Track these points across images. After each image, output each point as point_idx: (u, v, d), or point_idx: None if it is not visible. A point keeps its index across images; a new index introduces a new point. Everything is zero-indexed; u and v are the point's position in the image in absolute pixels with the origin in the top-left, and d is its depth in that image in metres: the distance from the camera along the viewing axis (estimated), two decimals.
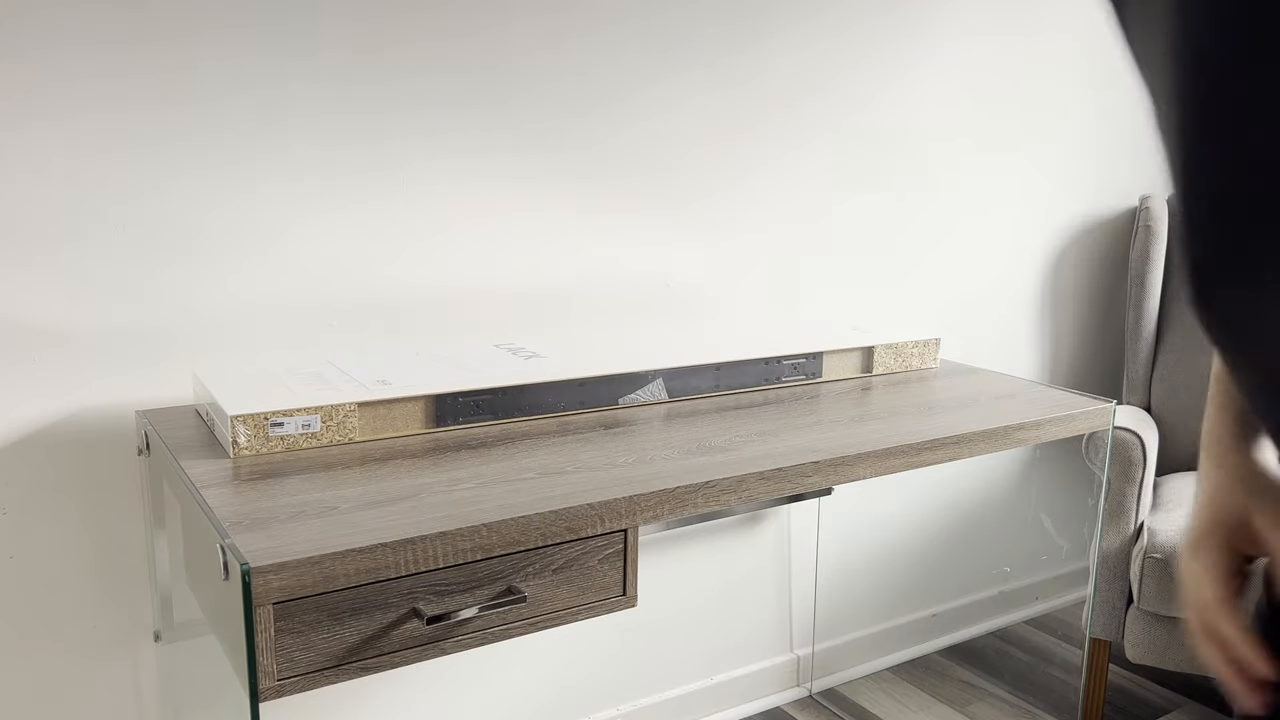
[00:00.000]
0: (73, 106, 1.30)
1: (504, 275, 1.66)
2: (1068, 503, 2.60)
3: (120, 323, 1.37)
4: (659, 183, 1.77)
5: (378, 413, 1.28)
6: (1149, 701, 2.19)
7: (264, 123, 1.42)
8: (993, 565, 2.48)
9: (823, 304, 2.03)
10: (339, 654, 0.99)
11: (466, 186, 1.60)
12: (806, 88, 1.90)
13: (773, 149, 1.89)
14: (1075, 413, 1.52)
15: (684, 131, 1.78)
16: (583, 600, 1.13)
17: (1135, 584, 1.93)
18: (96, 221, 1.34)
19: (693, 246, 1.83)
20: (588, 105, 1.67)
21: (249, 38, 1.39)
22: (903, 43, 2.01)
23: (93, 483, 1.39)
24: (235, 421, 1.19)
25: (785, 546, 2.10)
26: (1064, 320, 2.47)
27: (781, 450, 1.29)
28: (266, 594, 0.92)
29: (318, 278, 1.50)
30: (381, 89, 1.50)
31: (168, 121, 1.36)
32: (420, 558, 1.00)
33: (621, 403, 1.46)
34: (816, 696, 2.17)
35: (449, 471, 1.18)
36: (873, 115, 2.00)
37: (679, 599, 1.97)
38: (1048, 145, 2.31)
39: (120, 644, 1.45)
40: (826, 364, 1.64)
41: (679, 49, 1.74)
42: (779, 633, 2.14)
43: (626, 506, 1.12)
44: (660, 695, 1.99)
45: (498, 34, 1.57)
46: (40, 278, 1.31)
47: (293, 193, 1.46)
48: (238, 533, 0.98)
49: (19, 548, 1.36)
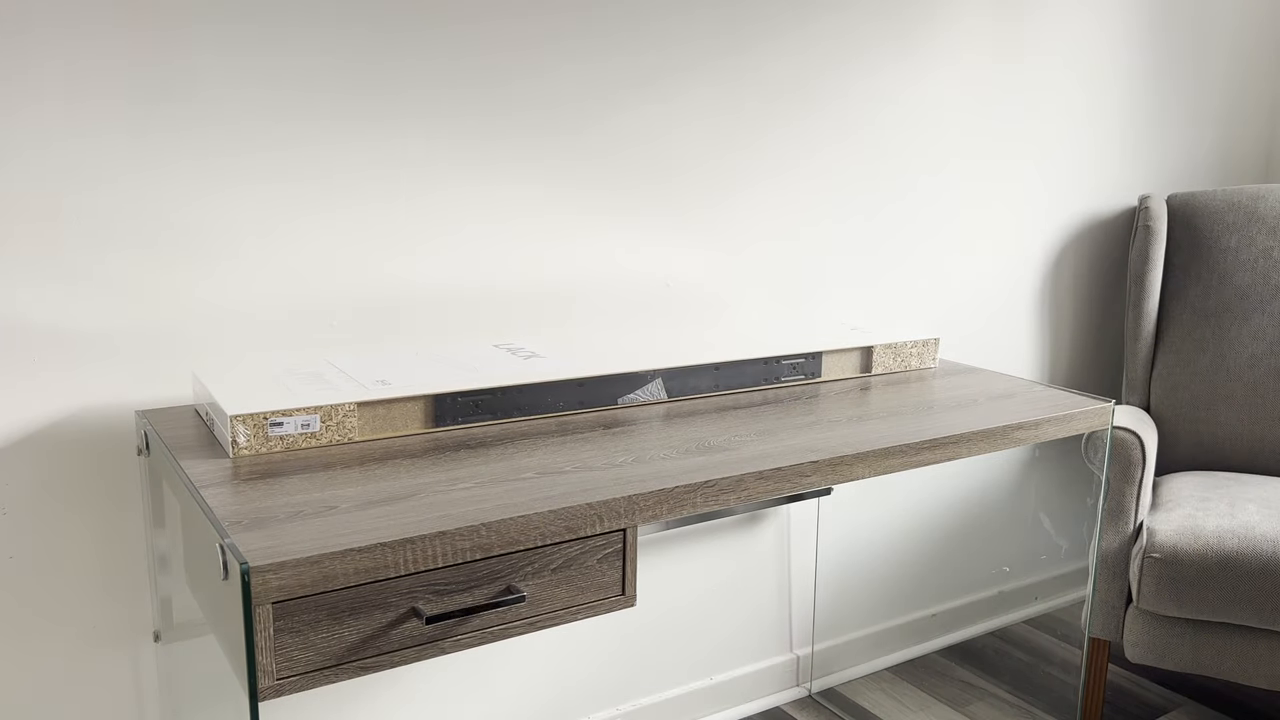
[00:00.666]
0: (72, 106, 1.30)
1: (504, 275, 1.66)
2: (1067, 503, 2.60)
3: (120, 323, 1.38)
4: (659, 183, 1.78)
5: (377, 413, 1.28)
6: (1148, 701, 2.19)
7: (264, 122, 1.42)
8: (992, 565, 2.49)
9: (822, 304, 2.03)
10: (338, 653, 0.99)
11: (467, 187, 1.60)
12: (806, 89, 1.90)
13: (773, 150, 1.89)
14: (1074, 412, 1.52)
15: (685, 132, 1.78)
16: (582, 600, 1.13)
17: (1135, 584, 1.93)
18: (96, 221, 1.34)
19: (693, 247, 1.83)
20: (588, 106, 1.68)
21: (249, 36, 1.39)
22: (903, 44, 2.01)
23: (92, 482, 1.39)
24: (235, 421, 1.19)
25: (785, 546, 2.10)
26: (1064, 320, 2.47)
27: (781, 450, 1.29)
28: (266, 593, 0.92)
29: (318, 277, 1.51)
30: (383, 89, 1.50)
31: (168, 120, 1.36)
32: (419, 557, 1.00)
33: (621, 403, 1.46)
34: (816, 696, 2.17)
35: (448, 471, 1.18)
36: (873, 115, 2.00)
37: (679, 599, 1.97)
38: (1047, 145, 2.31)
39: (120, 644, 1.45)
40: (826, 364, 1.64)
41: (679, 50, 1.74)
42: (779, 633, 2.14)
43: (625, 506, 1.12)
44: (660, 695, 1.99)
45: (498, 34, 1.57)
46: (40, 278, 1.31)
47: (293, 192, 1.46)
48: (237, 532, 0.98)
49: (19, 548, 1.36)
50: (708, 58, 1.78)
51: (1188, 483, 2.15)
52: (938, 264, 2.18)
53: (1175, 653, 1.92)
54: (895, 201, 2.08)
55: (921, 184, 2.11)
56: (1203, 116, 2.61)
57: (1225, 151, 2.70)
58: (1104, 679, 2.06)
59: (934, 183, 2.13)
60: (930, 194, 2.13)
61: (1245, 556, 1.83)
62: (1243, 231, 2.29)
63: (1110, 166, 2.46)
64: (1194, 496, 2.05)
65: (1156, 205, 2.36)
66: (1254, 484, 2.12)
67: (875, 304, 2.11)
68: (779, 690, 2.15)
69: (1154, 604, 1.90)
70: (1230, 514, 1.93)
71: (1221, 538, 1.86)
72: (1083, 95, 2.34)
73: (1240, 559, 1.83)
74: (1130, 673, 2.31)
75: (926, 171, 2.11)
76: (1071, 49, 2.29)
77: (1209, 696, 2.21)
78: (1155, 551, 1.88)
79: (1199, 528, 1.90)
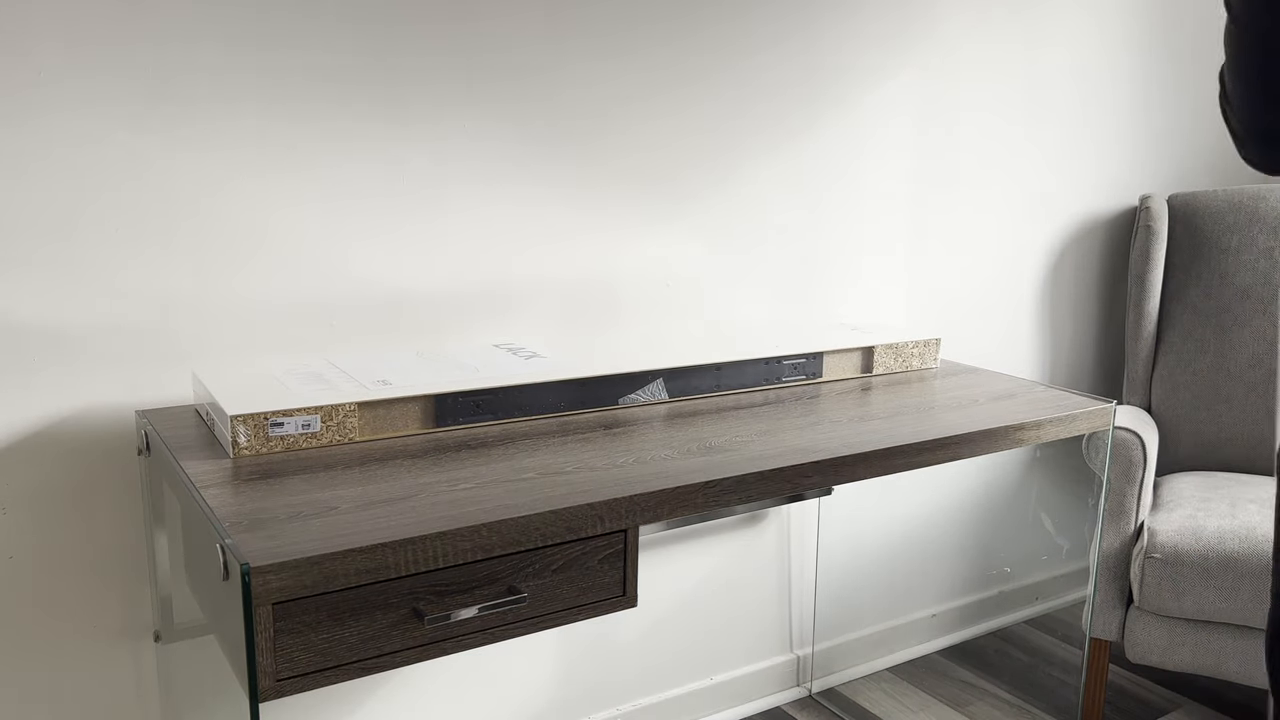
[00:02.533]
0: (72, 106, 1.30)
1: (504, 275, 1.66)
2: (1068, 503, 2.60)
3: (120, 323, 1.37)
4: (659, 183, 1.77)
5: (377, 413, 1.28)
6: (1149, 702, 2.19)
7: (265, 123, 1.42)
8: (993, 565, 2.48)
9: (823, 304, 2.03)
10: (339, 654, 0.99)
11: (467, 187, 1.60)
12: (805, 87, 1.90)
13: (774, 150, 1.89)
14: (1075, 413, 1.52)
15: (685, 132, 1.78)
16: (583, 600, 1.13)
17: (1135, 584, 1.93)
18: (96, 221, 1.34)
19: (693, 247, 1.83)
20: (589, 106, 1.67)
21: (252, 36, 1.39)
22: (902, 42, 2.01)
23: (93, 482, 1.39)
24: (235, 421, 1.19)
25: (785, 546, 2.10)
26: (1064, 320, 2.47)
27: (782, 450, 1.29)
28: (266, 594, 0.92)
29: (318, 277, 1.50)
30: (384, 90, 1.50)
31: (168, 121, 1.36)
32: (420, 558, 1.00)
33: (622, 403, 1.46)
34: (816, 696, 2.17)
35: (449, 471, 1.18)
36: (872, 116, 2.00)
37: (679, 599, 1.97)
38: (1048, 145, 2.31)
39: (120, 644, 1.45)
40: (827, 364, 1.64)
41: (681, 52, 1.74)
42: (779, 633, 2.14)
43: (626, 506, 1.12)
44: (660, 695, 1.99)
45: (499, 33, 1.57)
46: (40, 278, 1.31)
47: (293, 193, 1.46)
48: (237, 533, 0.98)
49: (19, 548, 1.36)
50: (708, 60, 1.77)
51: (1189, 483, 2.15)
52: (939, 264, 2.18)
53: (1176, 653, 1.92)
54: (896, 202, 2.08)
55: (923, 184, 2.11)
56: (1204, 116, 2.61)
57: (1226, 151, 2.70)
58: (1104, 679, 2.06)
59: (936, 183, 2.13)
60: (932, 194, 2.13)
61: (1246, 557, 1.83)
62: (1244, 232, 2.29)
63: (1111, 166, 2.45)
64: (1195, 497, 2.04)
65: (1157, 205, 2.36)
66: (1255, 484, 2.12)
67: (876, 304, 2.11)
68: (779, 690, 2.15)
69: (1155, 604, 1.90)
70: (1231, 514, 1.93)
71: (1222, 538, 1.86)
72: (1084, 94, 2.34)
73: (1241, 559, 1.83)
74: (1131, 673, 2.31)
75: (927, 172, 2.11)
76: (1073, 49, 2.29)
77: (1209, 697, 2.21)
78: (1156, 552, 1.88)
79: (1200, 528, 1.89)
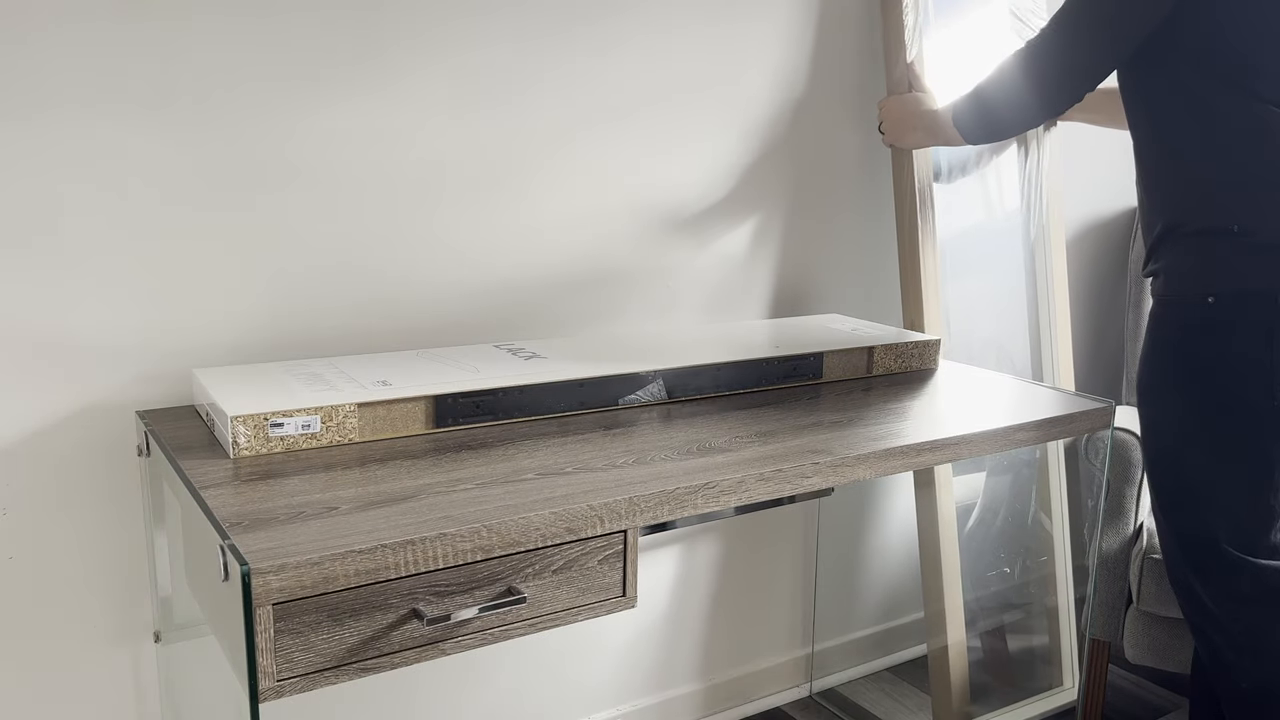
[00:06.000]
0: (72, 106, 1.30)
1: (504, 275, 1.66)
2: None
3: (120, 323, 1.37)
4: (659, 183, 1.78)
5: (378, 413, 1.28)
6: (1149, 702, 2.19)
7: (262, 121, 1.42)
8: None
9: (822, 303, 2.03)
10: (339, 654, 0.99)
11: (466, 187, 1.60)
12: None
13: (782, 152, 1.89)
14: (1075, 413, 1.52)
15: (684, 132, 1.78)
16: (582, 601, 1.13)
17: (1135, 584, 1.93)
18: (96, 221, 1.34)
19: (694, 246, 1.83)
20: (589, 108, 1.68)
21: (246, 34, 1.39)
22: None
23: (93, 483, 1.39)
24: (235, 422, 1.19)
25: (786, 546, 2.10)
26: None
27: (781, 450, 1.29)
28: (266, 595, 0.92)
29: (318, 278, 1.50)
30: (383, 90, 1.50)
31: (166, 120, 1.36)
32: (420, 558, 1.00)
33: (621, 403, 1.46)
34: (816, 696, 2.17)
35: (449, 472, 1.18)
36: (871, 114, 2.00)
37: (679, 599, 1.97)
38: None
39: (120, 644, 1.45)
40: (826, 364, 1.64)
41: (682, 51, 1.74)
42: (779, 632, 2.14)
43: (626, 507, 1.12)
44: (660, 695, 1.99)
45: (498, 35, 1.57)
46: (40, 277, 1.31)
47: (292, 192, 1.46)
48: (238, 533, 0.98)
49: (19, 548, 1.36)
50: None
51: None
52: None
53: (1175, 653, 1.92)
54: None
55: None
56: None
57: None
58: (1104, 680, 2.06)
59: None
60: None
61: None
62: None
63: (1111, 167, 2.45)
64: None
65: None
66: None
67: (876, 304, 2.11)
68: (779, 690, 2.15)
69: (1154, 605, 1.90)
70: None
71: None
72: None
73: None
74: (1130, 673, 2.31)
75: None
76: None
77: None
78: (1156, 552, 1.88)
79: None
